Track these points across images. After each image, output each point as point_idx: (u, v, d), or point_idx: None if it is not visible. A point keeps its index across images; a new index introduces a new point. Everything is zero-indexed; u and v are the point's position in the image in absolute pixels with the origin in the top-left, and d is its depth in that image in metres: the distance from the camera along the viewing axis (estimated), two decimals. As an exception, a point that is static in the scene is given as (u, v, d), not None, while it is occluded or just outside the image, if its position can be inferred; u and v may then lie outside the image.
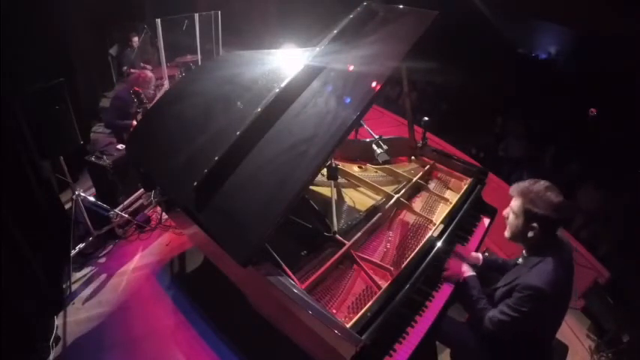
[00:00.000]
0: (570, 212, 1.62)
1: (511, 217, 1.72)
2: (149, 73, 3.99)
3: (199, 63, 5.79)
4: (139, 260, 3.16)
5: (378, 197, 2.47)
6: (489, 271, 2.12)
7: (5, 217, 2.24)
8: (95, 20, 5.23)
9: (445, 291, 2.02)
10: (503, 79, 6.16)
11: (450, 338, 2.04)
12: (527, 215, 1.63)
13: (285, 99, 2.03)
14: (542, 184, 1.64)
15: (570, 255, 1.71)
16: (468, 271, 1.96)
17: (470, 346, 1.90)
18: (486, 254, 2.31)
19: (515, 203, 1.69)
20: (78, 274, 2.96)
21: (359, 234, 2.06)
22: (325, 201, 2.32)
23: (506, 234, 1.76)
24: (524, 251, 1.78)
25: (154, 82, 4.11)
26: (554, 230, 1.67)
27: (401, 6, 2.30)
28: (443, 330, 1.97)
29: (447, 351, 2.20)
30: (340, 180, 2.55)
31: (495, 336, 1.70)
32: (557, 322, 1.76)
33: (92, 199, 3.18)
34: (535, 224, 1.62)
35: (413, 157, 2.91)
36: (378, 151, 2.29)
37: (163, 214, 3.50)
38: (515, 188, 1.70)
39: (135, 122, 3.68)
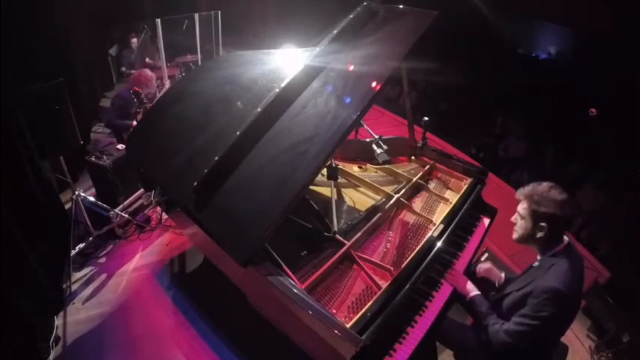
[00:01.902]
0: (575, 210, 1.64)
1: (519, 220, 1.75)
2: (149, 73, 3.99)
3: (199, 63, 5.79)
4: (139, 260, 3.16)
5: (378, 197, 2.47)
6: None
7: (5, 217, 2.24)
8: (95, 20, 5.23)
9: (445, 291, 2.02)
10: (504, 79, 6.15)
11: (450, 339, 2.04)
12: (535, 216, 1.66)
13: (285, 99, 2.03)
14: (546, 184, 1.68)
15: (581, 262, 1.72)
16: (473, 290, 1.94)
17: (470, 346, 1.90)
18: (486, 255, 2.31)
19: (522, 206, 1.72)
20: (78, 274, 2.96)
21: (359, 234, 2.06)
22: (325, 201, 2.32)
23: (514, 236, 1.79)
24: (538, 256, 1.79)
25: (154, 82, 4.10)
26: (563, 229, 1.70)
27: (401, 6, 2.30)
28: (443, 330, 1.97)
29: (447, 351, 2.20)
30: (340, 180, 2.55)
31: (511, 348, 1.67)
32: (569, 323, 1.76)
33: (92, 199, 3.18)
34: (544, 224, 1.65)
35: (413, 157, 2.91)
36: (378, 151, 2.30)
37: (163, 214, 3.50)
38: (520, 192, 1.74)
39: (135, 122, 3.68)
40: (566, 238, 1.72)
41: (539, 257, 1.79)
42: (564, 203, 1.62)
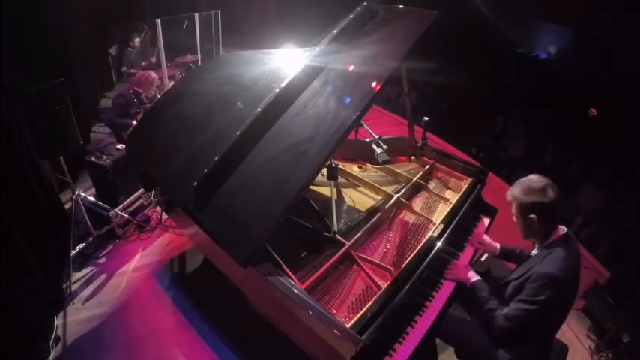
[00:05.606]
0: (559, 194, 1.67)
1: (515, 220, 1.80)
2: (152, 75, 3.98)
3: (199, 63, 5.79)
4: (139, 260, 3.16)
5: (378, 197, 2.47)
6: (505, 260, 2.20)
7: (5, 217, 2.24)
8: (95, 20, 5.23)
9: (445, 291, 2.02)
10: (504, 80, 6.15)
11: (450, 335, 2.04)
12: (522, 210, 1.72)
13: (285, 99, 2.03)
14: (526, 177, 1.73)
15: (578, 251, 1.76)
16: (473, 276, 1.98)
17: (471, 342, 1.91)
18: (486, 255, 2.31)
19: (512, 206, 1.78)
20: (78, 274, 2.96)
21: (359, 234, 2.06)
22: (325, 201, 2.32)
23: (521, 236, 1.83)
24: (536, 244, 1.84)
25: (155, 84, 4.09)
26: (554, 216, 1.72)
27: (401, 6, 2.30)
28: (444, 327, 1.97)
29: (447, 351, 2.20)
30: (340, 180, 2.55)
31: (509, 333, 1.71)
32: (566, 312, 1.79)
33: (92, 199, 3.18)
34: (532, 215, 1.69)
35: (413, 157, 2.91)
36: (378, 151, 2.29)
37: (163, 214, 3.50)
38: (508, 193, 1.79)
39: (135, 122, 3.67)
40: (563, 228, 1.75)
41: (536, 246, 1.83)
42: (544, 189, 1.65)
